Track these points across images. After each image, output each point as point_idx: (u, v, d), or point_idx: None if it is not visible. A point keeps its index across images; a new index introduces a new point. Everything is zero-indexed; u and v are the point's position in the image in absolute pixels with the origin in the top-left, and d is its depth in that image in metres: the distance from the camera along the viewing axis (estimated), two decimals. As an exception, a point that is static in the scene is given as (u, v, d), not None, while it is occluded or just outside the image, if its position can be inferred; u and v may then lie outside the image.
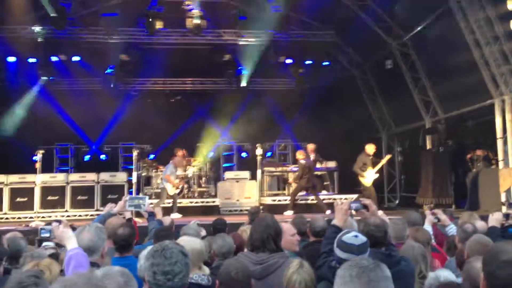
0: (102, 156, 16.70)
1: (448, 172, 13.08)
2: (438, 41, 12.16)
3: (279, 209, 12.41)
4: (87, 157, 16.60)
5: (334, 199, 13.20)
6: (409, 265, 3.37)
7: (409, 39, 13.49)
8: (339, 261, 2.99)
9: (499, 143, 11.12)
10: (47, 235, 3.90)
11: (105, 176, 12.99)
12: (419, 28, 12.75)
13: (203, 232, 5.52)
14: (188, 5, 12.80)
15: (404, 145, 16.11)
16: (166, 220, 5.89)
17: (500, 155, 11.11)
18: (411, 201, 13.27)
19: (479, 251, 3.58)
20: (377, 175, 11.92)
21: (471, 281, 3.10)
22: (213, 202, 13.17)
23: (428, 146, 14.18)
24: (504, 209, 10.12)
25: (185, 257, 2.58)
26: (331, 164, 14.47)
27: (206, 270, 3.71)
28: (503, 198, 10.58)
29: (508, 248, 2.18)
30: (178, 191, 12.05)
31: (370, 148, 12.05)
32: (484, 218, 5.28)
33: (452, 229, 5.22)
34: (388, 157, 12.65)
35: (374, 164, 11.91)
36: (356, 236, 3.13)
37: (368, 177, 11.77)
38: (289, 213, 11.30)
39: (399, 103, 15.09)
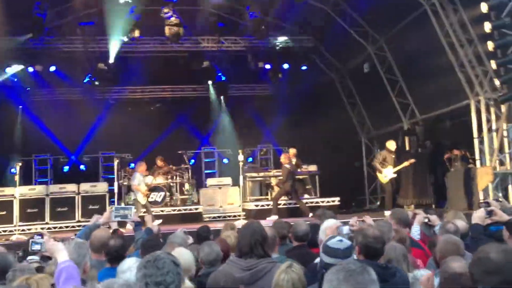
0: (82, 167, 16.47)
1: (427, 173, 13.26)
2: (414, 44, 12.37)
3: (262, 214, 12.46)
4: (66, 168, 16.34)
5: (317, 202, 13.32)
6: (403, 276, 3.40)
7: (385, 43, 13.72)
8: (325, 266, 3.03)
9: (476, 142, 11.37)
10: (39, 247, 3.85)
11: (85, 187, 12.86)
12: (393, 32, 12.98)
13: (190, 240, 5.51)
14: (166, 12, 12.78)
15: (383, 148, 16.26)
16: (153, 229, 5.86)
17: (477, 155, 11.36)
18: (393, 202, 13.39)
19: (448, 251, 3.70)
20: (395, 175, 11.69)
21: (448, 280, 3.18)
22: (196, 209, 13.13)
23: (407, 148, 14.38)
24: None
25: (177, 267, 2.59)
26: (312, 167, 14.57)
27: (188, 284, 3.64)
28: (481, 197, 10.79)
29: (486, 248, 2.30)
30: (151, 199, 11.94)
31: (391, 144, 11.81)
32: (468, 216, 5.38)
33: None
34: (412, 160, 11.89)
35: (395, 163, 11.69)
36: (340, 240, 3.17)
37: (387, 174, 11.65)
38: (273, 218, 11.28)
39: (378, 106, 15.30)
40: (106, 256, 3.99)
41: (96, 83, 15.25)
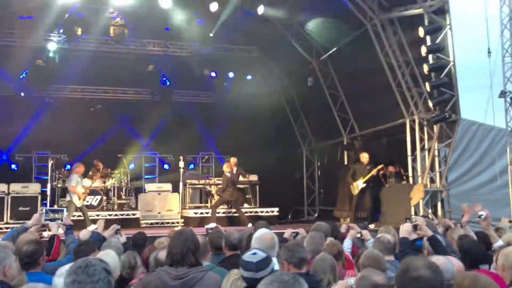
0: (13, 166, 15.70)
1: (364, 187, 13.65)
2: (356, 61, 12.79)
3: (202, 222, 12.39)
4: (-4, 167, 15.53)
5: (256, 212, 13.40)
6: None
7: (328, 59, 14.07)
8: (246, 280, 3.04)
9: (409, 160, 11.88)
10: None
11: (16, 187, 12.31)
12: (336, 49, 13.36)
13: (123, 239, 5.41)
14: (112, 13, 12.49)
15: (323, 160, 16.67)
16: (84, 234, 5.66)
17: (410, 172, 11.87)
18: (330, 214, 13.70)
19: (370, 264, 3.83)
20: (364, 185, 11.82)
21: None
22: (134, 214, 12.84)
23: (345, 162, 14.78)
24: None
25: (108, 274, 2.52)
26: (253, 177, 14.66)
27: None
28: (412, 212, 11.24)
29: (416, 265, 2.36)
30: (87, 202, 11.59)
31: (363, 157, 12.06)
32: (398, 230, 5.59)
33: (371, 243, 5.47)
34: (379, 167, 11.99)
35: (366, 174, 11.84)
36: (254, 253, 3.18)
37: (358, 185, 11.86)
38: (211, 225, 11.22)
39: (320, 119, 15.62)
40: (19, 262, 3.83)
41: (32, 79, 14.60)
